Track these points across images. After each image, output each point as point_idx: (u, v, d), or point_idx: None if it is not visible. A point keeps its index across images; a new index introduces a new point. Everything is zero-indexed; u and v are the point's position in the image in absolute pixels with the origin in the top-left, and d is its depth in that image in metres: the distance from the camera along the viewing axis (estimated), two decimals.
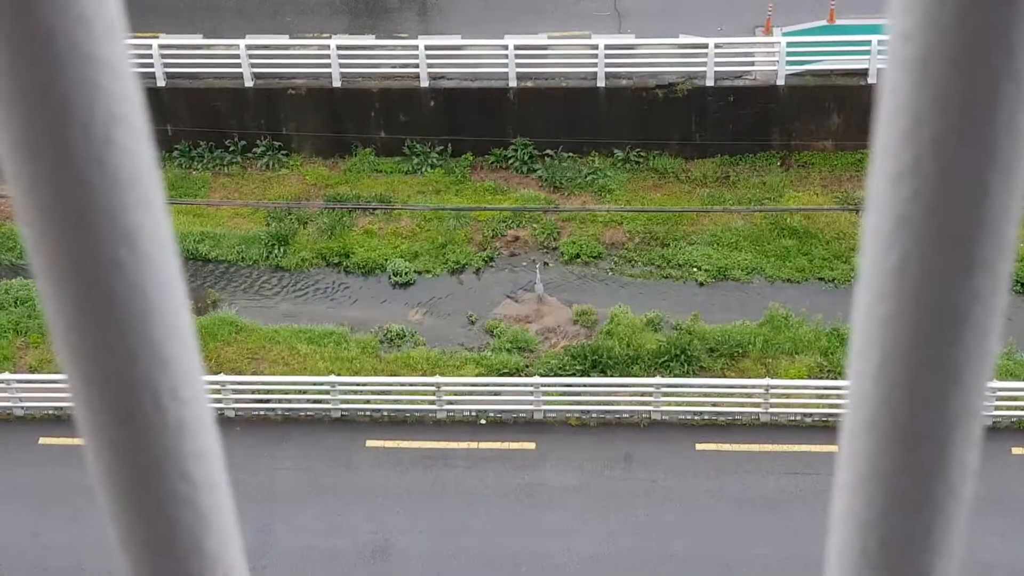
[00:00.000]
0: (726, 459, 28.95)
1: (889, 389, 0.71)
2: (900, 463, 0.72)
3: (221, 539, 0.77)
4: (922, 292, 0.68)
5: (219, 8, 35.49)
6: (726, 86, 33.75)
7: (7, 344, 31.40)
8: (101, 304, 0.66)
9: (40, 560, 27.58)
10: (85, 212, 0.64)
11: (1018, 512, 27.68)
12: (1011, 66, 0.61)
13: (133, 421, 0.71)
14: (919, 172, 0.64)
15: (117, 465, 0.73)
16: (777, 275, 32.18)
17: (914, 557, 0.78)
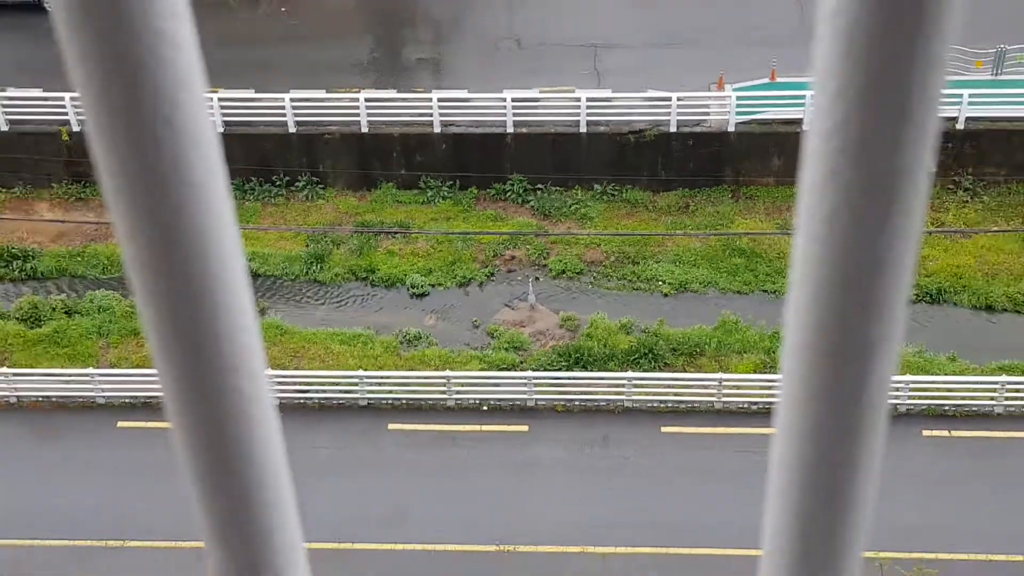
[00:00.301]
0: (686, 440, 28.91)
1: (820, 316, 0.70)
2: (830, 379, 0.72)
3: (280, 495, 0.79)
4: (849, 235, 0.67)
5: (268, 67, 35.47)
6: (686, 132, 33.75)
7: (91, 344, 31.32)
8: (170, 247, 0.65)
9: (116, 525, 27.49)
10: (155, 165, 0.64)
11: (929, 483, 27.61)
12: (923, 35, 0.60)
13: (208, 404, 0.73)
14: (847, 128, 0.63)
15: (199, 440, 0.75)
16: (728, 288, 32.16)
17: (837, 478, 0.78)
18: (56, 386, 30.04)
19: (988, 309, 31.58)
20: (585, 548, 26.98)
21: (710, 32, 35.93)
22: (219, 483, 0.76)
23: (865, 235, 0.66)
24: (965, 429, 28.92)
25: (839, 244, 0.67)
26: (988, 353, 30.43)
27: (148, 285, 0.69)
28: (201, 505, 0.78)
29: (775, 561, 0.84)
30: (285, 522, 0.80)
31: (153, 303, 0.69)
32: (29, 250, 33.73)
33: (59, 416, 30.01)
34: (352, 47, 36.91)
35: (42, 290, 33.05)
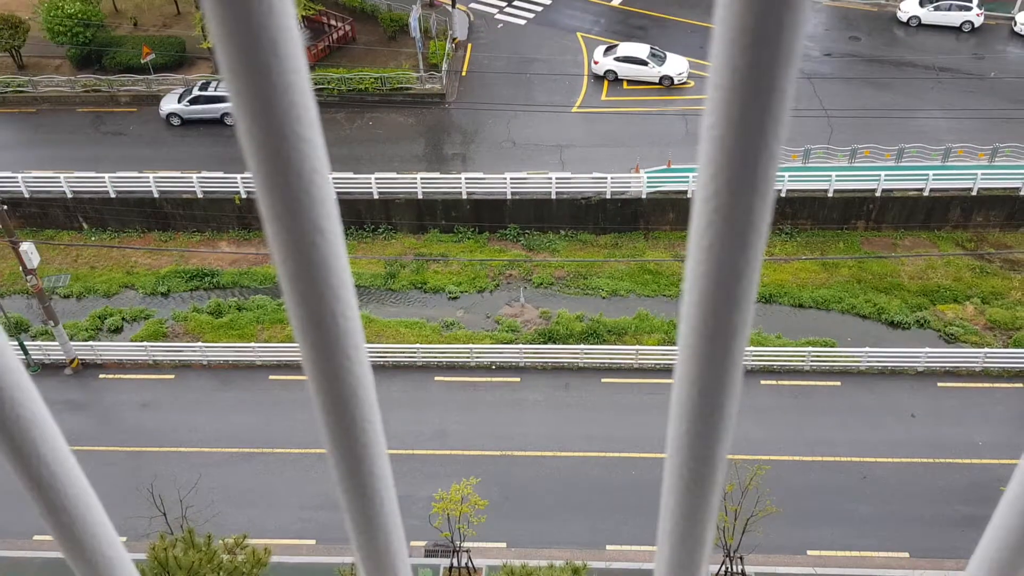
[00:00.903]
0: (617, 386, 28.91)
1: (703, 309, 0.70)
2: (709, 347, 0.72)
3: (374, 418, 0.81)
4: (720, 259, 0.67)
5: (361, 159, 35.53)
6: (616, 198, 33.76)
7: (253, 328, 31.32)
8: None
9: (268, 438, 27.51)
10: (298, 219, 0.66)
11: (764, 413, 27.61)
12: (765, 141, 0.61)
13: (330, 364, 0.76)
14: (718, 197, 0.64)
15: (324, 389, 0.77)
16: (642, 293, 32.16)
17: (715, 405, 0.77)
18: (231, 354, 30.06)
19: (800, 307, 31.61)
20: (555, 453, 26.99)
21: (630, 138, 36.01)
22: (336, 413, 0.78)
23: (730, 259, 0.66)
24: (787, 380, 28.95)
25: (714, 264, 0.66)
26: (799, 333, 30.48)
27: (293, 290, 0.70)
28: (325, 424, 0.80)
29: (673, 457, 0.83)
30: (377, 434, 0.82)
31: (296, 300, 0.71)
32: (215, 270, 33.76)
33: (233, 372, 30.04)
34: (412, 146, 36.99)
35: (223, 295, 33.08)
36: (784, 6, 0.54)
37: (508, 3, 45.04)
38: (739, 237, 0.64)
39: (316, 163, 0.64)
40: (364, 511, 0.86)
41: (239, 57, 0.56)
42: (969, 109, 36.65)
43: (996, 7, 42.73)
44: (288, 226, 0.64)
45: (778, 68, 0.56)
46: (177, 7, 43.54)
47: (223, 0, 0.54)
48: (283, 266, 0.68)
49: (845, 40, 41.90)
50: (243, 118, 0.59)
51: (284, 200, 0.63)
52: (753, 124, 0.58)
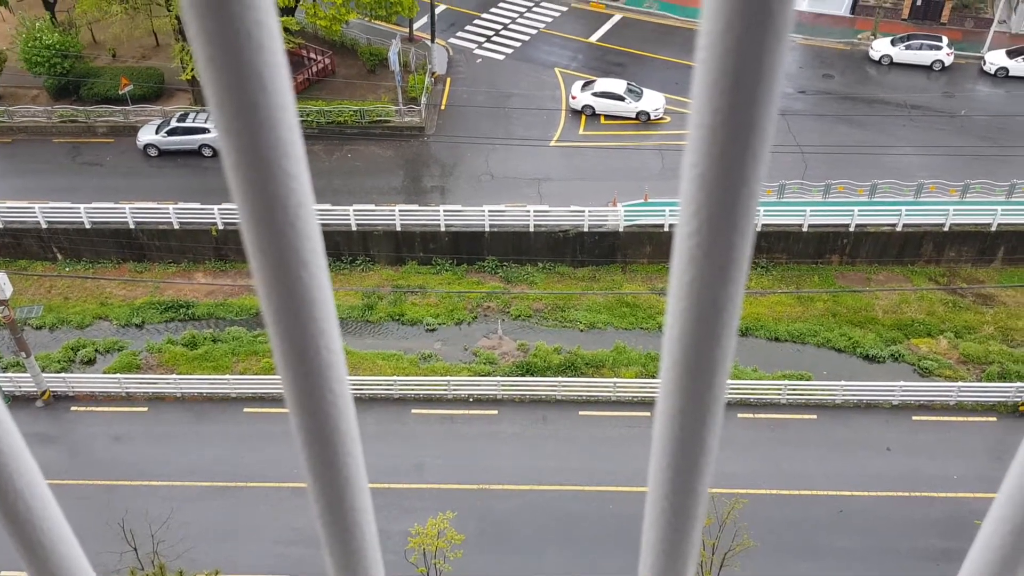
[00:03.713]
0: (594, 419, 28.86)
1: (685, 342, 0.71)
2: (691, 381, 0.72)
3: (354, 446, 0.82)
4: (701, 294, 0.68)
5: (340, 191, 35.47)
6: (594, 231, 33.92)
7: (228, 360, 31.04)
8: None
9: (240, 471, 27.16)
10: (283, 251, 0.67)
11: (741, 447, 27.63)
12: (745, 179, 0.63)
13: (313, 397, 0.76)
14: (700, 233, 0.65)
15: (306, 418, 0.77)
16: (620, 326, 32.21)
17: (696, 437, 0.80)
18: (205, 386, 29.73)
19: (776, 340, 31.79)
20: (533, 486, 26.82)
21: (607, 172, 36.27)
22: (318, 445, 0.78)
23: (711, 294, 0.67)
24: (763, 413, 29.02)
25: (696, 299, 0.67)
26: (776, 366, 30.61)
27: (277, 323, 0.70)
28: (306, 457, 0.79)
29: (655, 491, 0.84)
30: (358, 467, 0.83)
31: (279, 333, 0.70)
32: (190, 301, 33.48)
33: (207, 405, 29.70)
34: (391, 178, 37.04)
35: (198, 327, 32.79)
36: (763, 51, 0.55)
37: (487, 39, 45.48)
38: (720, 272, 0.65)
39: (302, 198, 0.63)
40: (345, 545, 0.84)
41: (227, 92, 0.56)
42: (940, 146, 37.29)
43: (965, 47, 43.67)
44: (273, 260, 0.65)
45: (758, 109, 0.58)
46: (156, 39, 43.57)
47: (212, 37, 0.53)
48: (267, 299, 0.67)
49: (819, 78, 42.61)
50: (230, 152, 0.60)
51: (270, 234, 0.63)
52: (734, 163, 0.59)
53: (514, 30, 46.18)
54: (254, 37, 0.55)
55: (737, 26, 0.54)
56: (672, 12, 47.02)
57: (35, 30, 38.99)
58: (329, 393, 0.75)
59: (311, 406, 0.75)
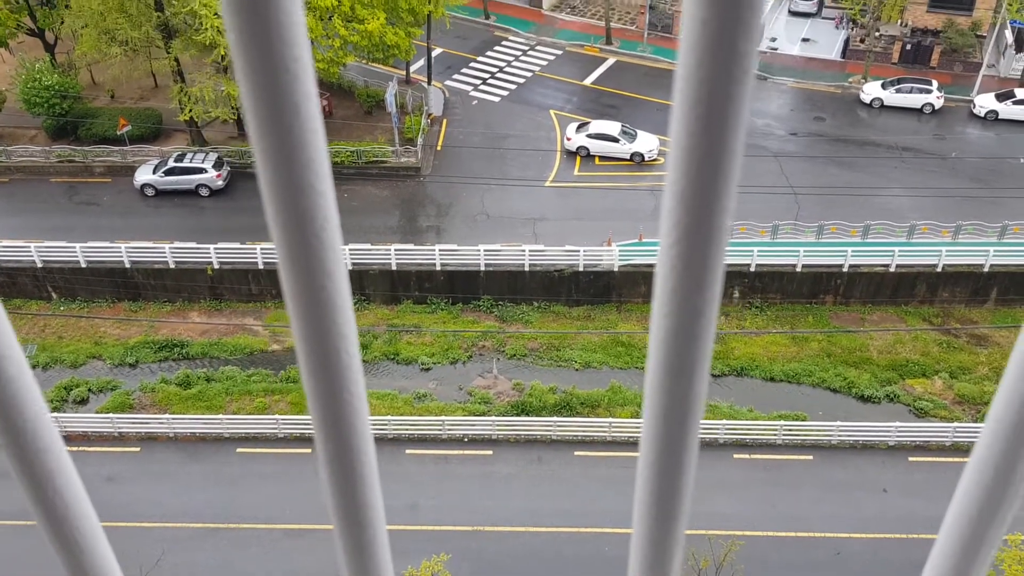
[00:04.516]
0: (590, 460, 28.68)
1: (665, 374, 0.78)
2: (671, 411, 0.78)
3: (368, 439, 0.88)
4: (678, 326, 0.75)
5: None
6: (589, 271, 34.00)
7: (221, 400, 30.86)
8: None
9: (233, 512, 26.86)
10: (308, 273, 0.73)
11: (736, 488, 27.47)
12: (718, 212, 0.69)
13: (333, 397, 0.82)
14: (675, 273, 0.73)
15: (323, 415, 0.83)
16: (615, 365, 32.15)
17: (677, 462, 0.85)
18: (198, 426, 29.52)
19: (771, 380, 31.74)
20: (528, 528, 26.57)
21: (602, 212, 36.45)
22: (333, 439, 0.84)
23: (691, 297, 0.73)
24: (759, 453, 28.88)
25: (678, 303, 0.73)
26: (771, 406, 30.52)
27: (301, 328, 0.76)
28: (322, 449, 0.85)
29: (641, 514, 0.91)
30: (370, 459, 0.90)
31: (304, 337, 0.76)
32: (185, 341, 33.36)
33: (200, 445, 29.46)
34: (387, 218, 37.16)
35: (192, 366, 32.64)
36: (731, 82, 0.62)
37: (483, 81, 45.95)
38: (699, 278, 0.71)
39: (328, 212, 0.70)
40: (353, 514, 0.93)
41: (266, 119, 0.64)
42: (932, 188, 37.59)
43: (955, 90, 44.22)
44: (301, 269, 0.71)
45: (728, 131, 0.64)
46: (155, 80, 43.93)
47: (255, 71, 0.62)
48: (294, 305, 0.73)
49: (810, 120, 43.05)
50: (265, 171, 0.66)
51: (298, 245, 0.70)
52: (708, 179, 0.65)
53: (510, 73, 46.69)
54: (291, 71, 0.63)
55: (708, 62, 0.61)
56: (665, 56, 47.61)
57: (35, 71, 39.30)
58: (347, 393, 0.80)
59: (330, 404, 0.80)
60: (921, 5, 47.70)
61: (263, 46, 0.62)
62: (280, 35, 0.62)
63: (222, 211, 37.12)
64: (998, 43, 46.38)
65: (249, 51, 0.61)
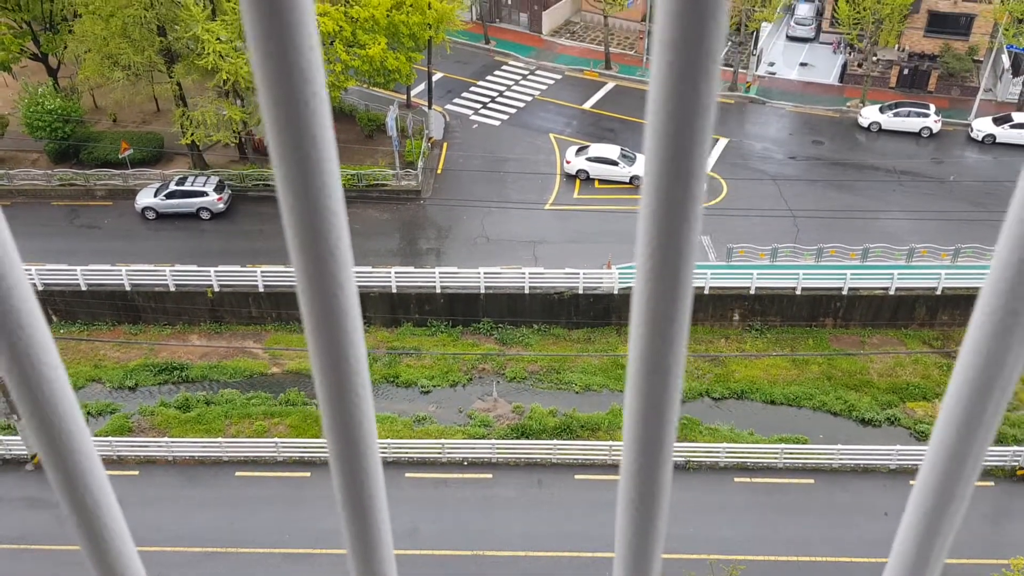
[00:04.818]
0: (590, 483, 28.53)
1: (643, 384, 0.85)
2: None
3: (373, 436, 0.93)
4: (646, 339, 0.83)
5: None
6: (589, 293, 33.99)
7: (221, 423, 30.75)
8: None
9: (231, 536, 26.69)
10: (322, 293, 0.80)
11: (738, 511, 27.32)
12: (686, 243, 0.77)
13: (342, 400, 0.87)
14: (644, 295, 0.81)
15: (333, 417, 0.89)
16: (615, 388, 32.06)
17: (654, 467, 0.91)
18: (197, 449, 29.40)
19: (771, 403, 31.64)
20: (528, 552, 26.40)
21: (602, 234, 36.52)
22: (341, 438, 0.90)
23: (664, 305, 0.81)
24: (760, 477, 28.74)
25: (652, 312, 0.82)
26: (771, 430, 30.41)
27: (315, 338, 0.82)
28: (331, 445, 0.91)
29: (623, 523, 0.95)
30: (379, 490, 0.96)
31: (314, 341, 0.83)
32: (184, 363, 33.30)
33: (199, 468, 29.33)
34: (387, 240, 37.23)
35: (192, 389, 32.57)
36: (696, 117, 0.69)
37: (483, 105, 46.19)
38: (670, 287, 0.79)
39: (340, 231, 0.77)
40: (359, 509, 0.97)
41: (287, 147, 0.72)
42: (930, 211, 37.68)
43: (952, 114, 44.44)
44: (315, 283, 0.78)
45: (693, 158, 0.71)
46: (157, 104, 44.16)
47: (278, 104, 0.70)
48: (308, 313, 0.80)
49: (808, 144, 43.22)
50: (285, 195, 0.74)
51: (314, 261, 0.77)
52: (676, 201, 0.73)
53: (510, 97, 46.94)
54: (310, 105, 0.71)
55: (674, 97, 0.69)
56: None
57: (37, 95, 39.52)
58: (355, 396, 0.87)
59: (339, 404, 0.87)
60: (918, 30, 48.05)
61: (285, 85, 0.70)
62: (301, 74, 0.70)
63: (223, 234, 37.18)
64: (995, 68, 46.66)
65: (272, 86, 0.70)
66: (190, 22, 34.52)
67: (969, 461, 0.90)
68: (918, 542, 1.02)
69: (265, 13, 0.66)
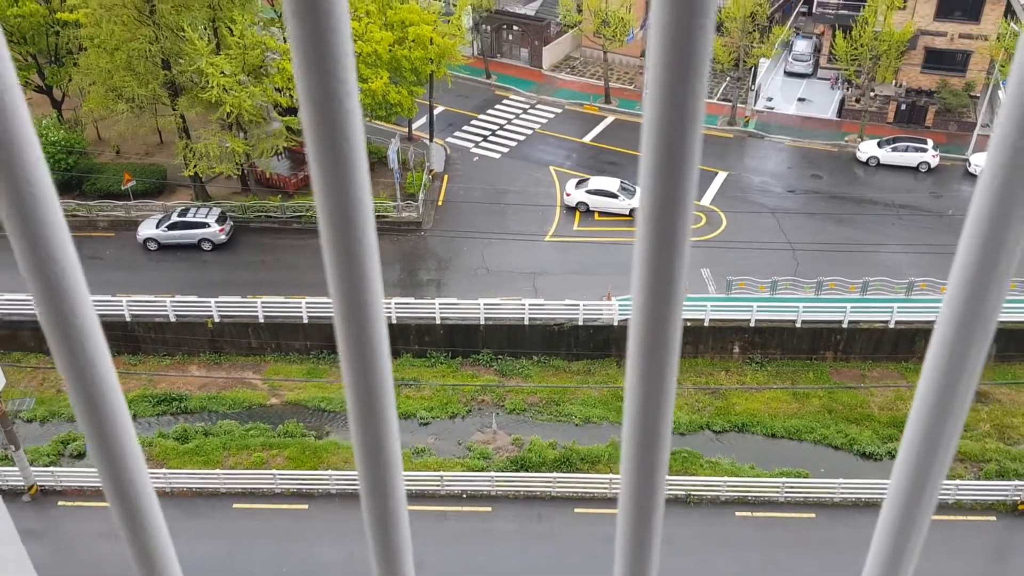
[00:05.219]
0: (590, 517, 28.29)
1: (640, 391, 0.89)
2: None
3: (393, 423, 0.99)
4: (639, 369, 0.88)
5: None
6: (589, 325, 33.98)
7: (219, 454, 30.58)
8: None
9: (229, 568, 26.40)
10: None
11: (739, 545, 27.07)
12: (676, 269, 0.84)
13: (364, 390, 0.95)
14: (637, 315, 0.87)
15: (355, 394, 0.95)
16: (616, 420, 31.92)
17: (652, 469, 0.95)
18: (194, 481, 29.21)
19: (772, 437, 31.48)
20: None
21: (601, 266, 36.57)
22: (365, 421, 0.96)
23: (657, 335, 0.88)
24: (761, 511, 28.52)
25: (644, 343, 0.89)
26: (773, 463, 30.23)
27: (341, 321, 0.88)
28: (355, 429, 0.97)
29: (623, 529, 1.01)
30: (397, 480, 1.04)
31: (342, 329, 0.89)
32: (183, 394, 33.20)
33: (196, 500, 29.11)
34: (388, 271, 37.24)
35: (190, 420, 32.43)
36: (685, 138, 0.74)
37: (484, 138, 46.48)
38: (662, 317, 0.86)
39: (367, 225, 0.81)
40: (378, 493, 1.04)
41: (321, 145, 0.77)
42: (929, 244, 37.76)
43: (950, 149, 44.69)
44: (344, 272, 0.83)
45: (680, 192, 0.77)
46: (160, 136, 44.44)
47: (323, 162, 0.76)
48: (338, 303, 0.85)
49: (807, 178, 43.42)
50: (320, 186, 0.79)
51: (345, 250, 0.81)
52: (667, 245, 0.79)
53: (510, 130, 47.25)
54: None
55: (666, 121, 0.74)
56: None
57: (42, 127, 39.79)
58: (380, 405, 0.93)
59: (361, 390, 0.93)
60: (915, 66, 48.47)
61: (329, 143, 0.76)
62: (342, 129, 0.76)
63: (224, 265, 37.23)
64: (992, 103, 47.01)
65: (319, 147, 0.76)
66: (195, 56, 34.85)
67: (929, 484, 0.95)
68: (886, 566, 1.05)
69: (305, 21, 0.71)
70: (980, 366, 0.89)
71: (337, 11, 0.72)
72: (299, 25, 0.72)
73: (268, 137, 38.48)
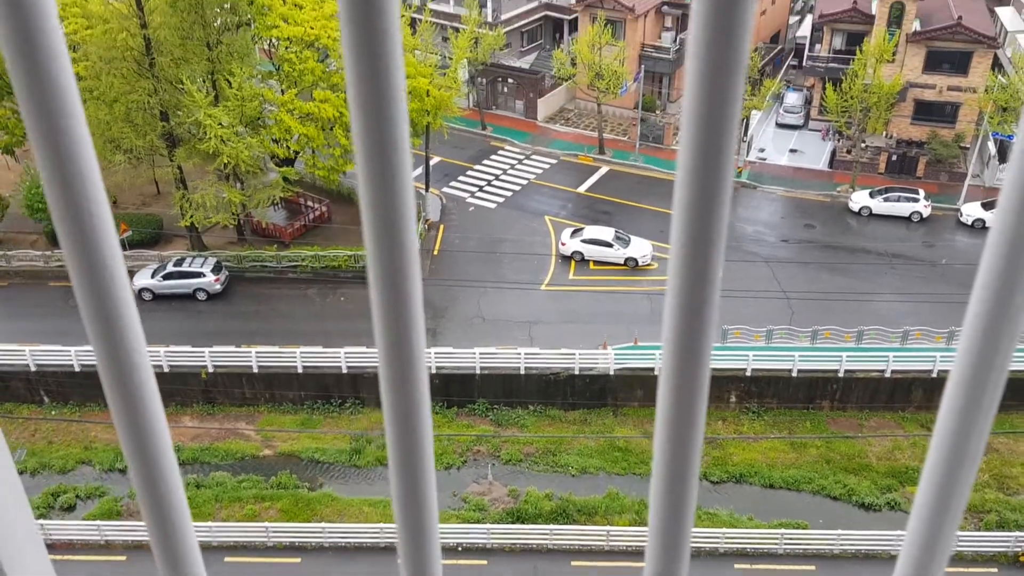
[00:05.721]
0: (587, 571, 27.92)
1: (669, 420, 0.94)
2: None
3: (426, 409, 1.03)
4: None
5: (331, 333, 35.54)
6: (585, 374, 33.86)
7: (211, 506, 30.20)
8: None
9: None
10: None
11: None
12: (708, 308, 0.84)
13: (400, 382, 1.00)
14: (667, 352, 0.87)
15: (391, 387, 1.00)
16: (612, 471, 31.65)
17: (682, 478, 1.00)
18: None
19: (770, 487, 31.21)
20: None
21: (597, 315, 36.59)
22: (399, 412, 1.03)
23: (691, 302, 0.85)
24: (760, 563, 28.15)
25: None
26: (771, 515, 29.92)
27: (380, 316, 0.90)
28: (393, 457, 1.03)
29: None
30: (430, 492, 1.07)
31: (381, 325, 0.91)
32: (176, 446, 32.87)
33: None
34: None
35: (182, 471, 32.05)
36: (716, 196, 0.77)
37: (480, 188, 46.82)
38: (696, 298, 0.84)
39: (409, 224, 0.86)
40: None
41: (373, 164, 0.83)
42: (923, 293, 37.89)
43: (942, 199, 45.09)
44: (386, 270, 0.87)
45: (715, 232, 0.79)
46: (157, 187, 44.67)
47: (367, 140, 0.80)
48: (376, 296, 0.88)
49: (800, 227, 43.72)
50: (367, 197, 0.85)
51: (388, 247, 0.86)
52: (697, 286, 0.81)
53: (506, 180, 47.62)
54: (397, 178, 0.84)
55: (699, 174, 0.77)
56: (655, 165, 48.73)
57: (39, 178, 39.87)
58: (411, 380, 0.99)
59: (398, 383, 0.99)
60: (905, 118, 49.13)
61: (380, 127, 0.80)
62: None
63: (219, 315, 37.17)
64: (982, 154, 47.56)
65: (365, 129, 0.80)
66: (193, 108, 35.19)
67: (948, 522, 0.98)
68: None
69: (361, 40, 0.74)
70: (992, 415, 0.92)
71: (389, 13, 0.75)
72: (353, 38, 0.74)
73: (265, 187, 38.71)
